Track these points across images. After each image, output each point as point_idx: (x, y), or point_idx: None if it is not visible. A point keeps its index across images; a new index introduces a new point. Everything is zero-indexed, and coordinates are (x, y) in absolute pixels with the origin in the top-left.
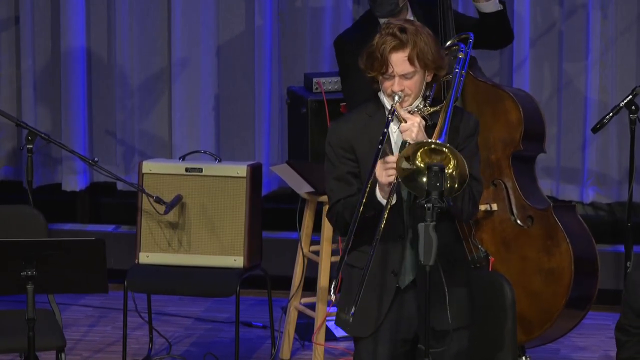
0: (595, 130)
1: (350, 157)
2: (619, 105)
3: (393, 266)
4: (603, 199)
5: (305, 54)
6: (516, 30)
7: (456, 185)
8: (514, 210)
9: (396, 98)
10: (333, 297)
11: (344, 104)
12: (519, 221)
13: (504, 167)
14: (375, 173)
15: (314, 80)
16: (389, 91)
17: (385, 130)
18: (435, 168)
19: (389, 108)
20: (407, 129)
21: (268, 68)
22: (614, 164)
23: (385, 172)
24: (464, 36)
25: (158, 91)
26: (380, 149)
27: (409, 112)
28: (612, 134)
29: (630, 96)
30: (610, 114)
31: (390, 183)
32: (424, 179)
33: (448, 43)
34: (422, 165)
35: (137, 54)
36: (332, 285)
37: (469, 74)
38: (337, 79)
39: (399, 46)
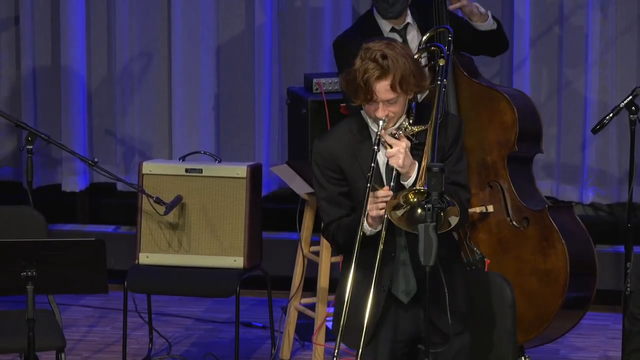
0: (595, 131)
1: (339, 177)
2: (619, 105)
3: (384, 282)
4: (603, 200)
5: (305, 54)
6: (516, 30)
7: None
8: (510, 212)
9: (381, 123)
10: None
11: (344, 104)
12: (514, 223)
13: (500, 168)
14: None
15: (314, 80)
16: (372, 115)
17: (373, 164)
18: (435, 168)
19: (373, 129)
20: (393, 154)
21: (268, 68)
22: (614, 165)
23: (375, 206)
24: (441, 29)
25: (158, 91)
26: (369, 186)
27: (394, 134)
28: (612, 135)
29: (630, 97)
30: (610, 115)
31: (380, 216)
32: (420, 210)
33: (424, 38)
34: (414, 200)
35: (137, 53)
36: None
37: (463, 75)
38: (337, 79)
39: (382, 75)
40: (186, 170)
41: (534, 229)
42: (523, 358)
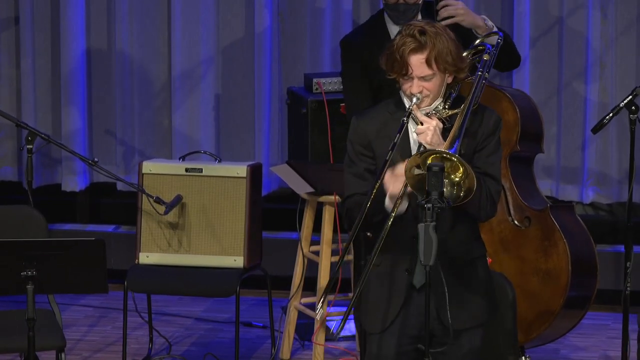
0: (595, 130)
1: (369, 154)
2: (618, 105)
3: (406, 265)
4: (603, 199)
5: (305, 54)
6: (516, 30)
7: (462, 194)
8: (512, 211)
9: (414, 100)
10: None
11: (344, 104)
12: (516, 222)
13: (502, 168)
14: (384, 181)
15: (314, 80)
16: (407, 92)
17: (398, 135)
18: (435, 168)
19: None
20: (422, 131)
21: (268, 68)
22: (614, 164)
23: (394, 182)
24: (493, 34)
25: (158, 91)
26: (390, 155)
27: (427, 114)
28: (612, 134)
29: (630, 96)
30: (610, 114)
31: (400, 192)
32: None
33: (477, 42)
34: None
35: (137, 54)
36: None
37: None
38: (337, 79)
39: (418, 48)
40: (186, 170)
41: (535, 229)
42: (523, 358)
